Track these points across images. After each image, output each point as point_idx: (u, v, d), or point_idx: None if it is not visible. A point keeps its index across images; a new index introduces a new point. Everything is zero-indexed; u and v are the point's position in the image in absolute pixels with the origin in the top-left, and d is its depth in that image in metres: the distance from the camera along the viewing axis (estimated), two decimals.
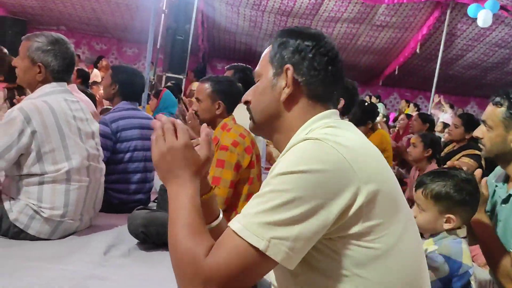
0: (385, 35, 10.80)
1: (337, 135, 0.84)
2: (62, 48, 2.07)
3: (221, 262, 0.77)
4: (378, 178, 0.81)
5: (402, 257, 0.83)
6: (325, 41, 0.99)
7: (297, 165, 0.78)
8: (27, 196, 1.97)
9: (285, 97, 0.95)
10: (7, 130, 1.89)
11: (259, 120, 1.01)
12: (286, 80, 0.96)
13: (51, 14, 11.64)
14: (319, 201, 0.76)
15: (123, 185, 2.70)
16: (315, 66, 0.96)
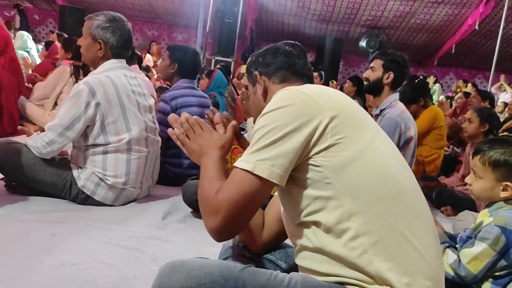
0: (441, 11, 10.33)
1: (301, 87, 1.05)
2: (119, 25, 2.19)
3: (225, 193, 0.96)
4: (338, 105, 0.99)
5: (372, 161, 0.97)
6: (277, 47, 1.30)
7: (272, 106, 0.99)
8: (93, 164, 2.13)
9: (261, 92, 1.26)
10: (75, 102, 2.05)
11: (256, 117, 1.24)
12: (259, 81, 1.27)
13: (107, 2, 12.08)
14: (291, 127, 0.95)
15: (179, 159, 2.83)
16: (271, 63, 1.26)
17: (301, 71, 1.26)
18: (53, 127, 2.06)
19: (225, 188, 0.97)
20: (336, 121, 0.96)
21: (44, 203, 2.11)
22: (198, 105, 2.88)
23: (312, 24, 11.88)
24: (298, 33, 12.36)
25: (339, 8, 10.77)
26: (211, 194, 0.98)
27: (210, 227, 0.97)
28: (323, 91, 1.03)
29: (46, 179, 2.11)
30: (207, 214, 0.98)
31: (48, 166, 2.12)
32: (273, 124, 0.96)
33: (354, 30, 11.93)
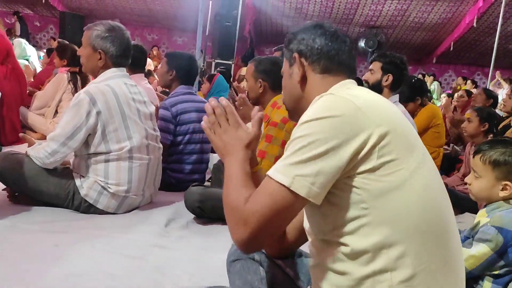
0: (439, 9, 10.35)
1: (349, 91, 0.97)
2: (119, 34, 2.21)
3: (256, 204, 0.90)
4: (389, 121, 0.91)
5: (416, 191, 0.90)
6: (322, 26, 1.14)
7: (316, 114, 0.90)
8: (95, 173, 2.15)
9: (298, 78, 1.12)
10: (77, 111, 2.06)
11: (289, 107, 1.19)
12: (298, 65, 1.12)
13: (106, 8, 12.14)
14: (336, 141, 0.87)
15: (181, 165, 2.85)
16: (318, 45, 1.11)
17: (347, 61, 1.12)
18: (55, 137, 2.07)
19: (257, 198, 0.91)
20: (385, 141, 0.88)
21: (47, 213, 2.12)
22: (198, 110, 2.89)
23: None
24: None
25: (336, 9, 10.80)
26: (239, 202, 0.93)
27: (237, 238, 0.93)
28: (374, 102, 0.94)
29: (49, 189, 2.13)
30: (235, 224, 0.93)
31: (50, 176, 2.13)
32: (316, 136, 0.88)
33: (352, 31, 11.95)
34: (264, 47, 14.23)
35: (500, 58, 9.56)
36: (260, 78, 2.42)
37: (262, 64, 2.44)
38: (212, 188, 2.33)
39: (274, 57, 2.62)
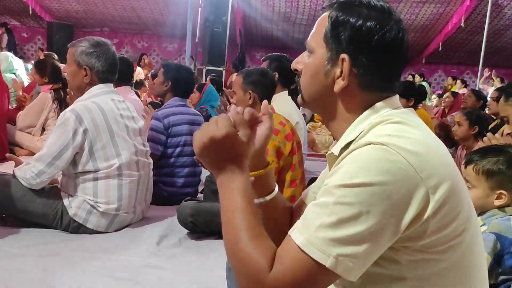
0: (426, 11, 10.41)
1: (401, 135, 0.78)
2: (104, 49, 2.17)
3: (286, 277, 0.74)
4: (445, 183, 0.77)
5: (463, 275, 0.81)
6: (392, 19, 0.85)
7: (362, 176, 0.73)
8: (84, 192, 2.10)
9: (339, 89, 0.86)
10: (63, 130, 2.02)
11: (309, 100, 0.95)
12: (342, 70, 0.85)
13: (95, 17, 12.08)
14: (386, 215, 0.73)
15: (173, 178, 2.81)
16: (376, 56, 0.84)
17: (398, 80, 0.90)
18: (42, 158, 2.03)
19: (285, 268, 0.75)
20: (439, 215, 0.75)
21: (35, 235, 2.07)
22: (190, 123, 2.87)
23: (302, 29, 11.91)
24: (287, 37, 12.40)
25: None
26: (262, 267, 0.75)
27: None
28: (425, 155, 0.77)
29: (37, 210, 2.08)
30: None
31: (38, 196, 2.09)
32: (363, 207, 0.72)
33: None
34: (255, 52, 14.23)
35: (488, 56, 9.64)
36: (249, 90, 2.39)
37: (251, 76, 2.41)
38: (204, 203, 2.30)
39: (262, 68, 2.59)
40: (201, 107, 4.51)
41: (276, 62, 3.12)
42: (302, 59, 0.95)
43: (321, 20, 0.90)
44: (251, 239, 0.78)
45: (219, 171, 0.86)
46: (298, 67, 0.95)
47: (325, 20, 0.88)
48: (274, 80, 2.52)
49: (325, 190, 0.77)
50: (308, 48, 0.93)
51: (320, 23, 0.90)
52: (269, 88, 2.45)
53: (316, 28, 0.91)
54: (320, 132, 5.79)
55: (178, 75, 2.87)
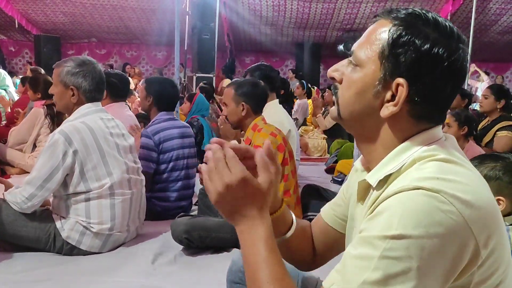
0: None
1: (451, 179, 0.72)
2: (90, 68, 2.16)
3: None
4: (494, 235, 0.73)
5: None
6: (460, 46, 0.78)
7: (411, 227, 0.67)
8: (76, 213, 2.08)
9: (387, 115, 0.79)
10: (52, 152, 2.00)
11: (347, 118, 0.86)
12: (393, 93, 0.78)
13: (82, 28, 12.01)
14: (436, 270, 0.68)
15: (166, 193, 2.79)
16: (437, 85, 0.77)
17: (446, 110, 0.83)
18: (32, 181, 2.00)
19: None
20: (484, 267, 0.72)
21: (28, 260, 2.04)
22: (180, 136, 2.85)
23: (289, 32, 11.94)
24: (276, 41, 12.42)
25: (313, 14, 10.86)
26: None
27: None
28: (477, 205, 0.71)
29: (29, 234, 2.06)
30: None
31: (29, 220, 2.06)
32: (412, 262, 0.66)
33: (331, 35, 12.02)
34: (244, 56, 14.25)
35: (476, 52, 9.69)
36: (242, 101, 2.38)
37: (242, 87, 2.40)
38: (198, 218, 2.28)
39: (253, 79, 2.59)
40: (192, 117, 4.49)
41: (257, 71, 3.14)
42: (342, 69, 0.86)
43: (377, 31, 0.81)
44: None
45: (238, 220, 0.80)
46: (336, 76, 0.87)
47: (382, 33, 0.79)
48: (266, 90, 2.52)
49: (364, 240, 0.71)
50: (354, 58, 0.83)
51: (375, 35, 0.80)
52: (262, 99, 2.45)
53: (368, 39, 0.82)
54: (313, 136, 5.80)
55: (160, 89, 2.85)
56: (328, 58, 13.39)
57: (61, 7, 10.67)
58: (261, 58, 14.22)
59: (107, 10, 10.89)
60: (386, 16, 0.82)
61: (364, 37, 0.84)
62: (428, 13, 0.79)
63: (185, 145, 2.88)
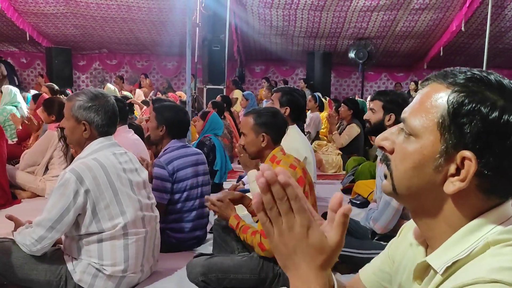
0: (426, 17, 10.34)
1: None
2: (102, 102, 2.07)
3: None
4: None
5: None
6: None
7: None
8: (88, 255, 1.99)
9: (453, 191, 0.70)
10: (63, 192, 1.91)
11: (404, 194, 0.78)
12: (458, 167, 0.70)
13: (92, 40, 12.06)
14: None
15: (181, 224, 2.70)
16: (510, 156, 0.68)
17: None
18: (42, 222, 1.92)
19: None
20: None
21: None
22: (194, 164, 2.76)
23: (300, 41, 11.87)
24: (286, 50, 12.36)
25: (324, 23, 10.77)
26: None
27: None
28: None
29: (39, 277, 1.97)
30: None
31: (40, 263, 1.98)
32: None
33: (342, 43, 11.92)
34: (254, 65, 14.19)
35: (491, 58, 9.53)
36: (262, 132, 2.27)
37: (262, 117, 2.29)
38: (215, 258, 2.18)
39: (272, 108, 2.48)
40: (205, 136, 4.41)
41: (288, 96, 3.01)
42: (392, 137, 0.79)
43: (432, 97, 0.73)
44: None
45: (294, 270, 0.71)
46: (386, 146, 0.79)
47: (439, 100, 0.72)
48: (286, 120, 2.41)
49: None
50: (408, 127, 0.75)
51: (431, 102, 0.73)
52: (282, 129, 2.34)
53: (423, 106, 0.74)
54: (327, 152, 5.67)
55: (172, 117, 2.75)
56: (339, 66, 13.29)
57: (72, 20, 10.70)
58: (271, 67, 14.18)
59: (117, 23, 10.91)
60: (440, 79, 0.74)
61: (417, 103, 0.76)
62: (490, 76, 0.71)
63: (199, 173, 2.79)
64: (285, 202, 0.67)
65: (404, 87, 13.21)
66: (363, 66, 11.78)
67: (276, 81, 12.74)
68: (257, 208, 0.69)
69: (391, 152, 0.79)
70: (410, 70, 13.83)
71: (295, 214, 0.67)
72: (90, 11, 10.25)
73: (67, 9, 10.16)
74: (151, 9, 10.22)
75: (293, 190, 0.66)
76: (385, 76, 14.22)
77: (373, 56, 11.56)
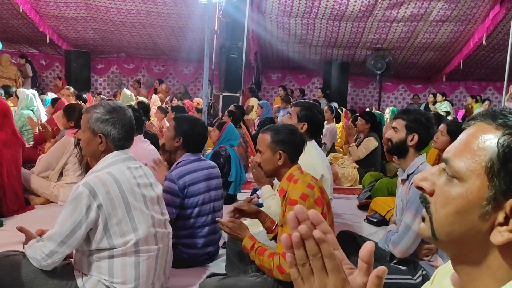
0: (446, 29, 10.20)
1: None
2: (120, 115, 2.03)
3: None
4: None
5: None
6: None
7: None
8: (99, 271, 1.94)
9: (502, 242, 0.65)
10: (75, 207, 1.87)
11: (445, 240, 0.72)
12: (509, 217, 0.64)
13: (111, 44, 12.17)
14: None
15: (193, 240, 2.65)
16: None
17: None
18: (53, 237, 1.87)
19: None
20: None
21: None
22: (207, 178, 2.70)
23: (318, 50, 11.80)
24: (303, 58, 12.30)
25: (342, 33, 10.68)
26: None
27: None
28: None
29: None
30: None
31: (49, 278, 1.93)
32: None
33: (360, 53, 11.82)
34: (271, 73, 14.16)
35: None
36: (280, 150, 2.20)
37: (280, 134, 2.22)
38: (228, 279, 2.11)
39: (290, 126, 2.41)
40: (220, 146, 4.36)
41: (307, 111, 2.92)
42: (433, 178, 0.73)
43: (479, 138, 0.68)
44: None
45: None
46: (425, 187, 0.74)
47: (487, 142, 0.67)
48: (304, 138, 2.34)
49: None
50: (451, 169, 0.70)
51: (477, 143, 0.68)
52: (300, 147, 2.27)
53: (468, 147, 0.69)
54: (343, 165, 5.58)
55: (190, 130, 2.69)
56: (356, 76, 13.19)
57: (92, 24, 10.81)
58: (288, 75, 14.13)
59: (136, 28, 10.98)
60: (488, 120, 0.68)
61: (462, 143, 0.71)
62: None
63: (211, 188, 2.73)
64: (318, 259, 0.63)
65: (422, 99, 13.04)
66: (381, 77, 11.66)
67: (293, 89, 12.67)
68: (290, 263, 0.65)
69: (430, 194, 0.73)
70: (428, 82, 13.66)
71: (328, 273, 0.63)
72: (110, 15, 10.34)
73: (87, 13, 10.27)
74: (170, 15, 10.27)
75: (328, 248, 0.62)
76: (403, 87, 14.06)
77: (391, 67, 11.44)
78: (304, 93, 12.09)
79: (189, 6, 9.60)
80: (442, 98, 10.50)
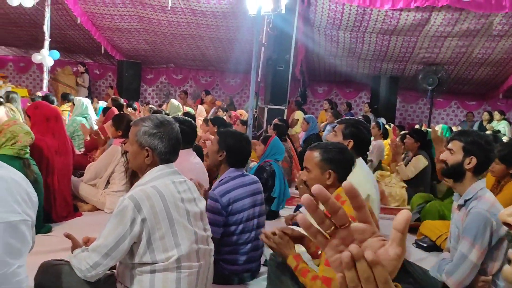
0: (504, 45, 9.70)
1: None
2: (167, 130, 2.03)
3: None
4: None
5: None
6: None
7: None
8: (140, 285, 1.93)
9: None
10: (121, 220, 1.88)
11: None
12: None
13: (161, 55, 12.51)
14: None
15: (235, 256, 2.61)
16: None
17: None
18: (97, 248, 1.89)
19: None
20: None
21: None
22: (251, 194, 2.65)
23: (366, 64, 11.58)
24: (351, 72, 12.11)
25: (393, 48, 10.42)
26: None
27: None
28: None
29: None
30: None
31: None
32: None
33: (410, 68, 11.49)
34: (317, 86, 14.04)
35: None
36: (329, 169, 2.12)
37: (329, 153, 2.14)
38: None
39: (340, 144, 2.32)
40: (265, 161, 4.31)
41: (352, 128, 2.83)
42: None
43: None
44: None
45: None
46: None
47: None
48: (353, 157, 2.25)
49: None
50: None
51: None
52: (350, 166, 2.18)
53: None
54: (390, 183, 5.37)
55: (234, 144, 2.65)
56: (405, 91, 12.82)
57: (144, 35, 11.16)
58: (335, 89, 13.95)
59: (185, 39, 11.23)
60: None
61: None
62: None
63: (256, 203, 2.68)
64: (371, 282, 0.57)
65: (476, 116, 12.48)
66: (432, 92, 11.25)
67: (338, 103, 12.49)
68: (341, 284, 0.60)
69: None
70: (483, 99, 13.05)
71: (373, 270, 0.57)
72: (161, 27, 10.63)
73: (140, 25, 10.61)
74: (219, 27, 10.42)
75: (382, 272, 0.57)
76: (455, 104, 13.51)
77: (443, 83, 11.02)
78: (351, 107, 11.87)
79: (238, 18, 9.71)
80: (500, 116, 9.95)
